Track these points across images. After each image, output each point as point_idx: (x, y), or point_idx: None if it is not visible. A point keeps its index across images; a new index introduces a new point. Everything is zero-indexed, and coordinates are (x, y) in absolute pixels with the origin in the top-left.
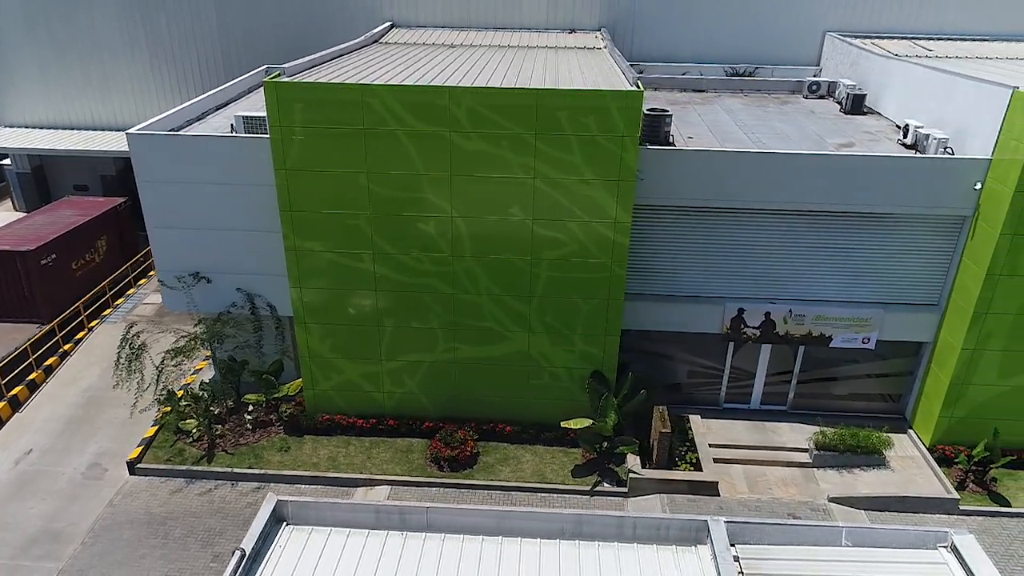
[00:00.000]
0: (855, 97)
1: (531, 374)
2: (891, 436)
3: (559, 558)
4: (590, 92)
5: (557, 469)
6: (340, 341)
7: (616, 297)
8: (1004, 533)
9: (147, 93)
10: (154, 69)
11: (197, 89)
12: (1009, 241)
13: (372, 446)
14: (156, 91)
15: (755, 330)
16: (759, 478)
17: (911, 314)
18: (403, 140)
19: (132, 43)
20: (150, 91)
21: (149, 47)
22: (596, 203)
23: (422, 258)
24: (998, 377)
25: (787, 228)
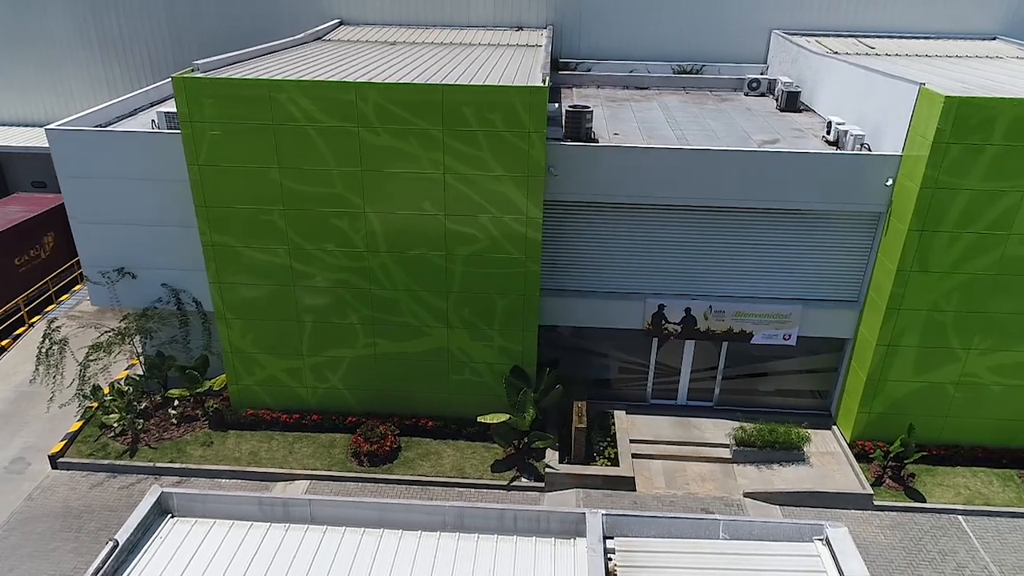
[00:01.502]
0: (789, 94)
1: (452, 369)
2: (815, 432)
3: (436, 550)
4: (494, 88)
5: (477, 464)
6: (261, 336)
7: (531, 293)
8: (915, 528)
9: (100, 90)
10: (106, 67)
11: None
12: (917, 237)
13: (295, 441)
14: (109, 88)
15: (676, 326)
16: (678, 473)
17: (831, 310)
18: (312, 136)
19: (85, 41)
20: (103, 88)
21: (101, 45)
22: (506, 198)
23: (337, 253)
24: (913, 373)
25: (705, 224)
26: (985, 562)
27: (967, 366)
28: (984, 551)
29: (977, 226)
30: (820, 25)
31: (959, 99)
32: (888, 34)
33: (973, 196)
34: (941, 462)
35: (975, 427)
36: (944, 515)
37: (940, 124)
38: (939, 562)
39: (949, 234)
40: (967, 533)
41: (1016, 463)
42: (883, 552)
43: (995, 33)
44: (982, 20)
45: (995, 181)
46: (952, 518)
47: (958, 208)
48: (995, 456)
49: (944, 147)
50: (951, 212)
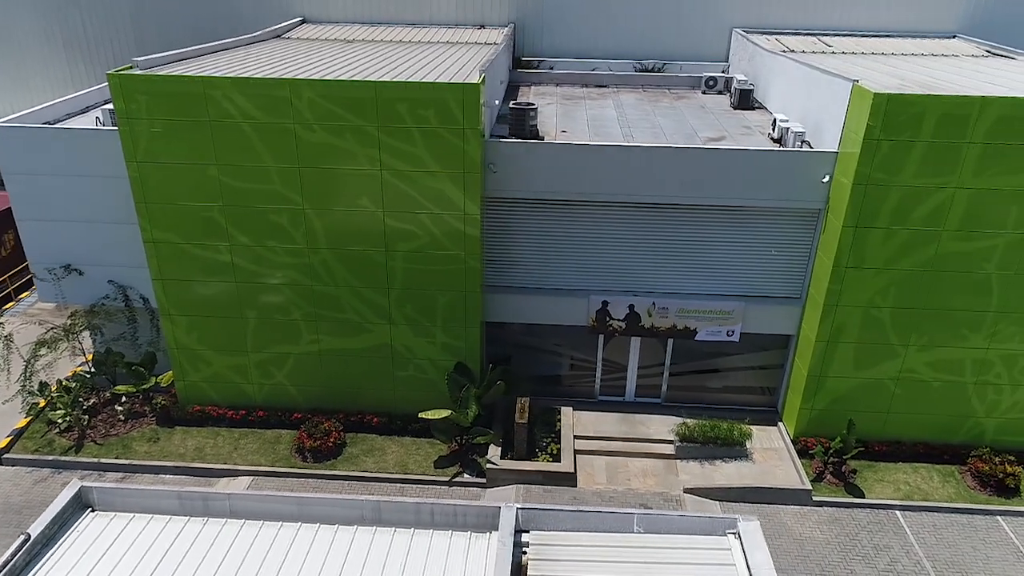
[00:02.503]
0: (742, 92)
1: (396, 366)
2: (761, 428)
3: (351, 544)
4: (427, 85)
5: (421, 460)
6: (206, 333)
7: (472, 289)
8: (853, 523)
9: (65, 88)
10: (71, 64)
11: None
12: (852, 233)
13: (241, 437)
14: (73, 86)
15: (620, 323)
16: (620, 469)
17: (774, 307)
18: (248, 132)
19: (49, 39)
20: (67, 86)
21: (65, 43)
22: (444, 195)
23: (278, 250)
24: (854, 369)
25: (647, 221)
26: (919, 557)
27: (906, 362)
28: (919, 546)
29: (911, 222)
30: (782, 24)
31: (888, 96)
32: (849, 32)
33: (905, 192)
34: (883, 458)
35: (917, 423)
36: (882, 510)
37: (870, 121)
38: (873, 557)
39: (883, 230)
40: (903, 528)
41: (957, 459)
42: (818, 547)
43: (955, 32)
44: (942, 19)
45: (926, 177)
46: (890, 513)
47: (891, 204)
48: (937, 452)
49: (875, 143)
50: (884, 208)
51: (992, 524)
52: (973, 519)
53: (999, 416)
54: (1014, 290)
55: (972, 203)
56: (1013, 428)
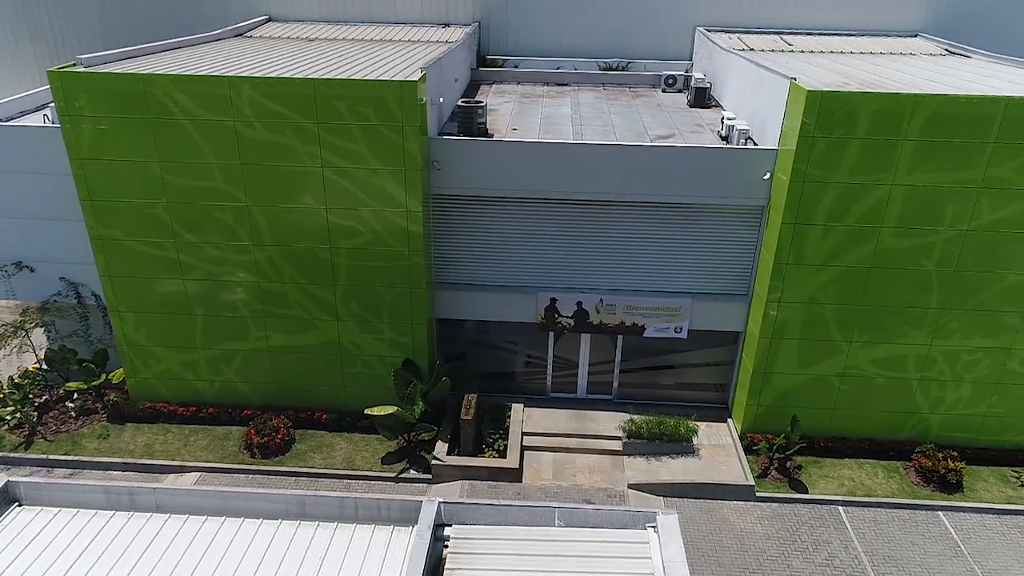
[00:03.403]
0: (698, 90)
1: (344, 363)
2: (712, 425)
3: (272, 538)
4: (364, 82)
5: (369, 456)
6: (155, 330)
7: (418, 286)
8: (795, 519)
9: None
10: (38, 60)
11: None
12: (791, 230)
13: (191, 433)
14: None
15: (569, 320)
16: (567, 465)
17: (722, 304)
18: (189, 129)
19: (16, 35)
20: (35, 83)
21: (33, 40)
22: (385, 192)
23: (224, 247)
24: (798, 366)
25: (593, 218)
26: (857, 552)
27: (850, 359)
28: (858, 541)
29: (849, 219)
30: (746, 22)
31: (821, 93)
32: (812, 31)
33: (842, 189)
34: (829, 454)
35: (862, 419)
36: (824, 506)
37: (805, 118)
38: (811, 551)
39: (822, 227)
40: (844, 524)
41: (903, 455)
42: (758, 542)
43: (917, 30)
44: (905, 17)
45: (862, 174)
46: (832, 509)
47: (828, 201)
48: (882, 448)
49: (810, 140)
50: (822, 205)
51: (933, 519)
52: (915, 514)
53: (944, 412)
54: (954, 287)
55: (909, 200)
56: (957, 424)
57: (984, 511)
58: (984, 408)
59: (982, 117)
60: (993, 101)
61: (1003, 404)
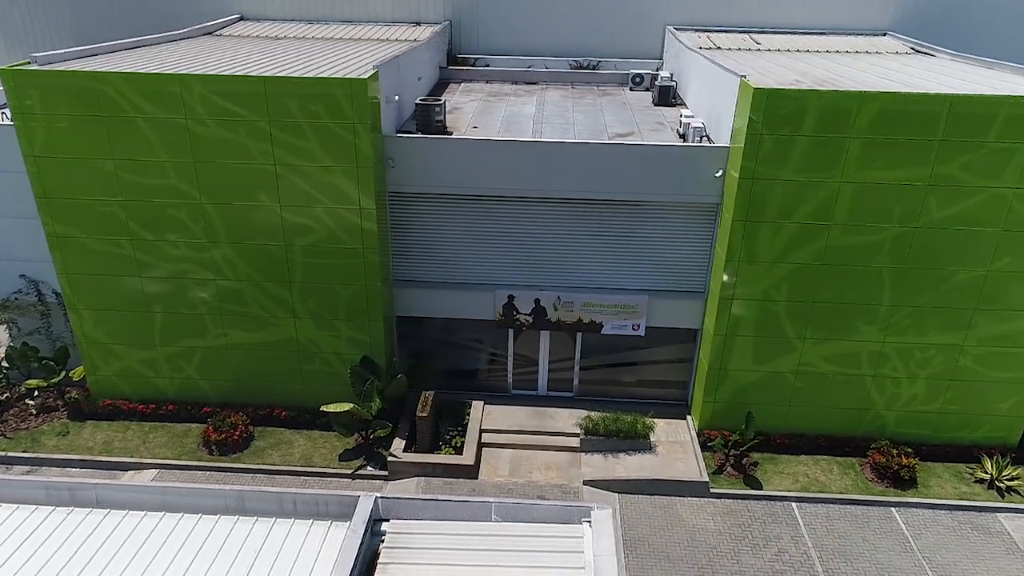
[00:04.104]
0: (662, 88)
1: (303, 360)
2: (672, 422)
3: (209, 533)
4: (314, 80)
5: (327, 453)
6: (114, 327)
7: (373, 283)
8: (748, 515)
9: None
10: (11, 60)
11: None
12: (742, 228)
13: (151, 431)
14: None
15: (527, 317)
16: (524, 462)
17: (679, 301)
18: (142, 127)
19: None
20: None
21: (6, 39)
22: (338, 190)
23: (180, 244)
24: (753, 362)
25: (550, 216)
26: (807, 547)
27: (804, 355)
28: (809, 536)
29: (799, 216)
30: (716, 21)
31: (768, 91)
32: (781, 30)
33: (791, 187)
34: (786, 450)
35: (818, 416)
36: (778, 502)
37: (753, 115)
38: (762, 547)
39: (772, 224)
40: (797, 519)
41: (859, 452)
42: (709, 538)
43: (886, 29)
44: (874, 16)
45: (811, 172)
46: (786, 505)
47: (777, 199)
48: (839, 445)
49: (758, 138)
50: (771, 203)
51: (885, 515)
52: (867, 510)
53: (899, 409)
54: (905, 284)
55: (857, 197)
56: (913, 421)
57: (937, 507)
58: (939, 405)
59: (928, 115)
60: (938, 99)
61: (957, 401)
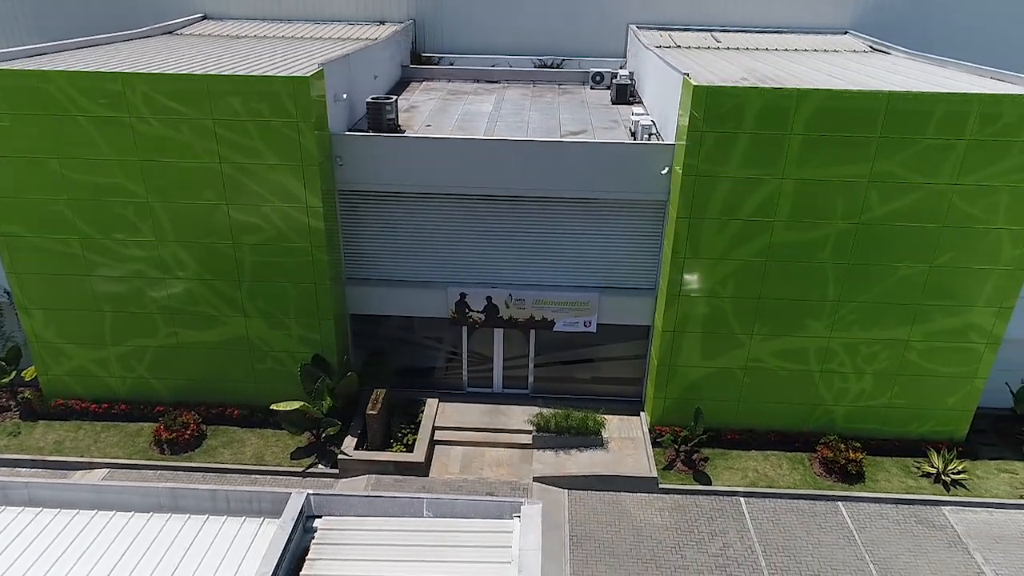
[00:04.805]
0: (619, 87)
1: (255, 359)
2: (626, 418)
3: (139, 531)
4: (256, 79)
5: (278, 452)
6: (65, 327)
7: (322, 281)
8: (695, 510)
9: None
10: None
11: None
12: (687, 224)
13: (103, 430)
14: None
15: (480, 314)
16: (476, 459)
17: (631, 298)
18: (86, 126)
19: None
20: None
21: None
22: (285, 188)
23: (127, 243)
24: (702, 359)
25: (500, 213)
26: (752, 541)
27: (752, 351)
28: (755, 531)
29: (742, 213)
30: (678, 19)
31: (708, 88)
32: (744, 29)
33: (734, 183)
34: (738, 446)
35: (768, 411)
36: (726, 497)
37: (694, 112)
38: (707, 542)
39: (716, 221)
40: (743, 514)
41: (808, 447)
42: (655, 533)
43: (847, 28)
44: (835, 15)
45: (752, 168)
46: (734, 500)
47: (721, 195)
48: (789, 440)
49: (699, 135)
50: (715, 199)
51: (832, 509)
52: (814, 505)
53: (847, 404)
54: (849, 279)
55: (800, 194)
56: (861, 416)
57: (883, 501)
58: (886, 400)
59: (866, 111)
60: (875, 96)
61: (904, 395)
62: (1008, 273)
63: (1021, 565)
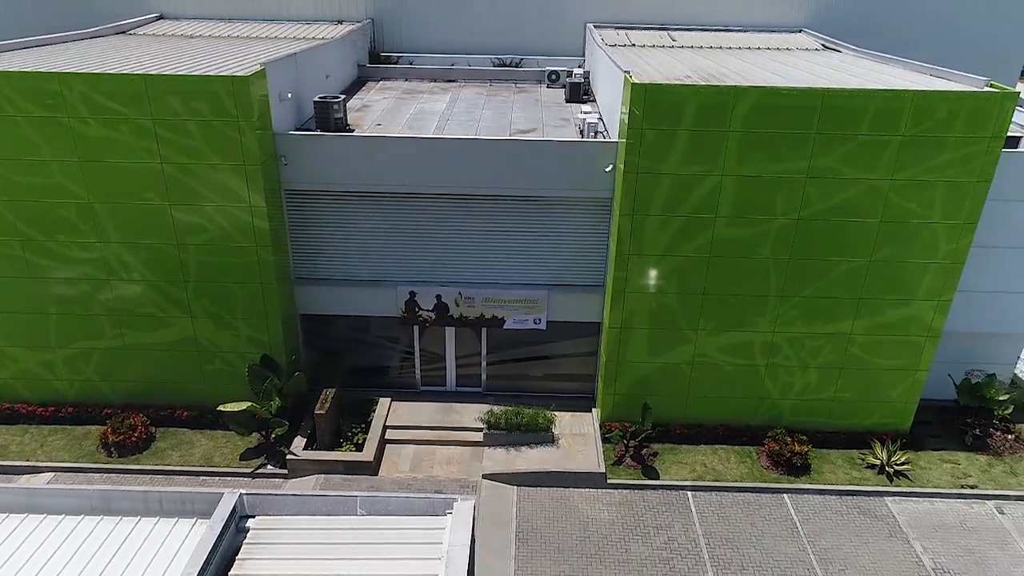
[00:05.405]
0: (572, 85)
1: (203, 359)
2: (577, 415)
3: (69, 534)
4: (196, 78)
5: (228, 453)
6: (8, 330)
7: (268, 282)
8: (642, 504)
9: None
10: None
11: None
12: (630, 221)
13: (50, 434)
14: None
15: (430, 313)
16: (427, 457)
17: (580, 295)
18: (25, 127)
19: None
20: None
21: None
22: (228, 188)
23: (70, 244)
24: (649, 354)
25: (448, 212)
26: (697, 535)
27: (698, 347)
28: (700, 524)
29: (684, 210)
30: (635, 18)
31: (646, 85)
32: (700, 27)
33: (675, 180)
34: (687, 440)
35: (716, 406)
36: (673, 491)
37: (635, 110)
38: (652, 536)
39: (659, 218)
40: (690, 508)
41: (756, 440)
42: (602, 527)
43: (802, 26)
44: (790, 14)
45: (693, 165)
46: (680, 494)
47: (663, 192)
48: (737, 434)
49: (639, 132)
50: (657, 196)
51: (777, 501)
52: (760, 497)
53: (794, 398)
54: (791, 274)
55: (740, 190)
56: (807, 409)
57: (827, 492)
58: (831, 393)
59: (802, 108)
60: (811, 93)
61: (849, 388)
62: (945, 267)
63: (958, 553)
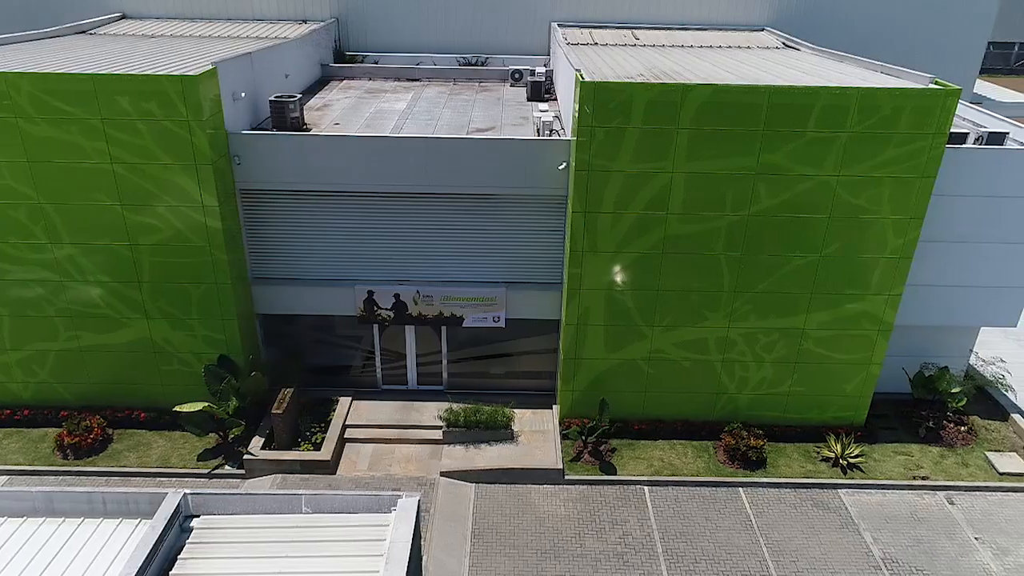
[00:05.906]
0: (533, 84)
1: (160, 360)
2: (538, 412)
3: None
4: (145, 77)
5: (185, 454)
6: None
7: (223, 282)
8: (599, 500)
9: None
10: None
11: None
12: (583, 219)
13: (4, 436)
14: None
15: (388, 312)
16: (386, 456)
17: (538, 293)
18: None
19: None
20: None
21: None
22: (180, 188)
23: (21, 246)
24: (606, 351)
25: (406, 211)
26: (651, 529)
27: (654, 343)
28: (655, 519)
29: (636, 206)
30: (600, 17)
31: (595, 84)
32: (663, 26)
33: (625, 178)
34: (644, 436)
35: (673, 401)
36: (630, 486)
37: (584, 108)
38: (607, 531)
39: (611, 215)
40: (646, 503)
41: (713, 435)
42: (558, 523)
43: (764, 25)
44: (753, 12)
45: (643, 163)
46: (637, 489)
47: (615, 189)
48: (695, 429)
49: (590, 130)
50: (608, 193)
51: (733, 495)
52: (716, 491)
53: (750, 392)
54: (743, 270)
55: (691, 187)
56: (763, 403)
57: (781, 486)
58: (787, 387)
59: (749, 106)
60: (757, 90)
61: (804, 383)
62: (894, 261)
63: (907, 543)
